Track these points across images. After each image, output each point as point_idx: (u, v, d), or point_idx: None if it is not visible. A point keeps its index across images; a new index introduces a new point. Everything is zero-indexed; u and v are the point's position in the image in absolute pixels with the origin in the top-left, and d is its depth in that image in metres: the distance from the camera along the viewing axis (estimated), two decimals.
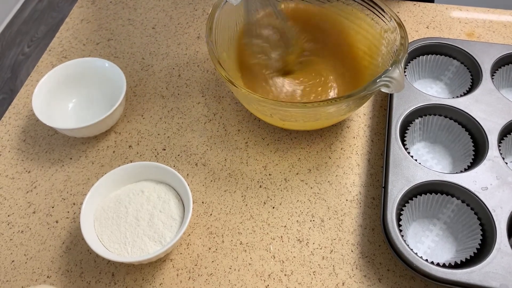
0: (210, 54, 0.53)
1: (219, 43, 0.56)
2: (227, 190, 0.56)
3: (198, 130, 0.61)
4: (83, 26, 0.75)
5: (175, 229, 0.49)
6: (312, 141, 0.59)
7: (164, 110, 0.63)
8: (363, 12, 0.59)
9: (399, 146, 0.53)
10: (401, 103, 0.57)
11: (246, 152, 0.59)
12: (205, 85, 0.66)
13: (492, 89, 0.58)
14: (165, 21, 0.75)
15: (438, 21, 0.72)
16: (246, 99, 0.53)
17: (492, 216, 0.47)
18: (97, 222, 0.49)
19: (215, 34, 0.55)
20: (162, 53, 0.70)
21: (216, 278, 0.49)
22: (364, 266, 0.49)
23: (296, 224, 0.53)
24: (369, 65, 0.60)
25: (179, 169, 0.57)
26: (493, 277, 0.44)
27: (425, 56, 0.63)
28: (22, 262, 0.51)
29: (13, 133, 0.62)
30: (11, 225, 0.54)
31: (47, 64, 0.70)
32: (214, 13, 0.56)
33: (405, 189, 0.50)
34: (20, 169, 0.58)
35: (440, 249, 0.50)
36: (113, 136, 0.61)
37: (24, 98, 0.66)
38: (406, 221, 0.50)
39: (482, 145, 0.54)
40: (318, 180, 0.56)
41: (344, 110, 0.52)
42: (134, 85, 0.66)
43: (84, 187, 0.56)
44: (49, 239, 0.53)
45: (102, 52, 0.71)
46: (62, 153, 0.60)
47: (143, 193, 0.51)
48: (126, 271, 0.50)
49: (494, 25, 0.71)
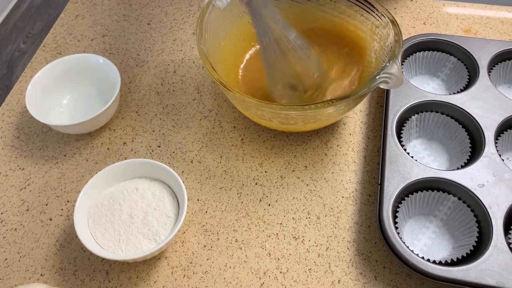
0: (203, 58, 0.51)
1: (211, 42, 0.55)
2: (223, 187, 0.55)
3: (194, 127, 0.61)
4: (78, 22, 0.74)
5: (170, 226, 0.48)
6: (308, 138, 0.59)
7: (159, 106, 0.63)
8: (351, 9, 0.59)
9: (395, 143, 0.53)
10: (398, 99, 0.57)
11: (242, 149, 0.58)
12: (200, 82, 0.65)
13: (489, 85, 0.58)
14: (160, 17, 0.74)
15: (435, 17, 0.72)
16: (243, 105, 0.52)
17: (489, 213, 0.47)
18: (91, 220, 0.49)
19: (206, 37, 0.54)
20: (157, 49, 0.69)
21: (211, 276, 0.49)
22: (360, 263, 0.49)
23: (292, 222, 0.52)
24: (362, 61, 0.60)
25: (174, 166, 0.57)
26: (490, 275, 0.44)
27: (422, 53, 0.63)
28: (15, 260, 0.51)
29: (7, 130, 0.61)
30: (4, 222, 0.53)
31: (41, 60, 0.69)
32: (203, 18, 0.55)
33: (401, 186, 0.50)
34: (13, 166, 0.58)
35: (436, 247, 0.49)
36: (107, 133, 0.60)
37: (18, 94, 0.65)
38: (402, 218, 0.50)
39: (479, 141, 0.53)
40: (314, 177, 0.55)
41: (343, 109, 0.51)
42: (129, 81, 0.66)
43: (78, 185, 0.56)
44: (42, 237, 0.52)
45: (96, 48, 0.70)
46: (56, 150, 0.59)
47: (137, 190, 0.50)
48: (121, 269, 0.50)
49: (491, 22, 0.70)
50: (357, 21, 0.59)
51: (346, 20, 0.60)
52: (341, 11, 0.60)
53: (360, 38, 0.59)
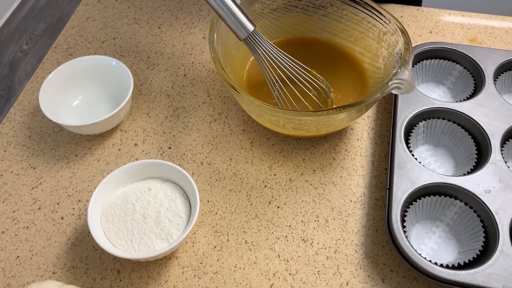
0: (217, 66, 0.53)
1: (223, 48, 0.56)
2: (232, 189, 0.56)
3: (204, 129, 0.61)
4: (89, 24, 0.75)
5: (182, 227, 0.49)
6: (317, 143, 0.60)
7: (170, 109, 0.64)
8: (358, 16, 0.60)
9: (403, 149, 0.54)
10: (406, 106, 0.58)
11: (251, 152, 0.59)
12: (210, 85, 0.66)
13: (494, 94, 0.59)
14: (170, 21, 0.75)
15: (441, 26, 0.73)
16: (257, 110, 0.53)
17: (495, 218, 0.48)
18: (104, 219, 0.50)
19: (217, 45, 0.55)
20: (167, 52, 0.70)
21: (221, 276, 0.49)
22: (368, 266, 0.50)
23: (300, 224, 0.53)
24: (370, 67, 0.61)
25: (185, 167, 0.58)
26: (496, 279, 0.45)
27: (428, 61, 0.64)
28: (27, 258, 0.51)
29: (19, 129, 0.62)
30: (16, 220, 0.54)
31: (53, 61, 0.70)
32: (214, 28, 0.56)
33: (410, 191, 0.51)
34: (25, 165, 0.58)
35: (442, 251, 0.50)
36: (118, 134, 0.61)
37: (30, 94, 0.66)
38: (409, 222, 0.51)
39: (485, 148, 0.54)
40: (323, 181, 0.56)
41: (355, 115, 0.52)
42: (140, 83, 0.67)
43: (89, 184, 0.57)
44: (54, 235, 0.53)
45: (107, 50, 0.71)
46: (67, 150, 0.60)
47: (150, 190, 0.51)
48: (132, 268, 0.50)
49: (496, 31, 0.72)
50: (364, 28, 0.60)
51: (353, 27, 0.61)
52: (348, 18, 0.61)
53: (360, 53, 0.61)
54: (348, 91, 0.61)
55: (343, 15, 0.62)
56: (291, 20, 0.65)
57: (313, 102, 0.57)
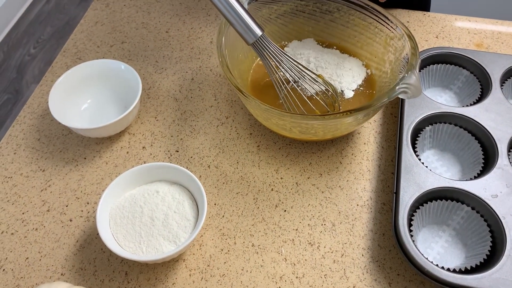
0: (226, 72, 0.53)
1: (231, 55, 0.56)
2: (239, 193, 0.56)
3: (211, 133, 0.62)
4: (97, 28, 0.76)
5: (189, 229, 0.49)
6: (323, 146, 0.60)
7: (177, 112, 0.64)
8: (365, 21, 0.60)
9: (410, 153, 0.54)
10: (412, 110, 0.58)
11: (258, 155, 0.60)
12: (217, 89, 0.67)
13: (501, 98, 0.59)
14: (178, 26, 0.76)
15: (447, 31, 0.73)
16: (264, 114, 0.54)
17: (502, 223, 0.48)
18: (112, 221, 0.50)
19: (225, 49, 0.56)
20: (175, 56, 0.71)
21: (228, 279, 0.50)
22: (374, 270, 0.50)
23: (307, 228, 0.53)
24: (377, 72, 0.61)
25: (192, 171, 0.58)
26: (503, 283, 0.44)
27: (435, 65, 0.64)
28: (36, 259, 0.52)
29: (28, 132, 0.63)
30: (25, 222, 0.54)
31: (62, 65, 0.70)
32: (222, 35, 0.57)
33: (416, 195, 0.51)
34: (34, 167, 0.59)
35: (449, 255, 0.50)
36: (127, 137, 0.62)
37: (39, 97, 0.66)
38: (416, 227, 0.51)
39: (492, 153, 0.55)
40: (329, 184, 0.57)
41: (362, 119, 0.52)
42: (148, 87, 0.67)
43: (98, 187, 0.57)
44: (63, 237, 0.53)
45: (116, 54, 0.72)
46: (76, 153, 0.60)
47: (158, 193, 0.52)
48: (140, 270, 0.51)
49: (502, 37, 0.72)
50: (371, 33, 0.61)
51: (360, 32, 0.62)
52: (355, 23, 0.62)
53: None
54: (355, 95, 0.61)
55: (350, 20, 0.62)
56: (298, 25, 0.65)
57: (320, 107, 0.58)
